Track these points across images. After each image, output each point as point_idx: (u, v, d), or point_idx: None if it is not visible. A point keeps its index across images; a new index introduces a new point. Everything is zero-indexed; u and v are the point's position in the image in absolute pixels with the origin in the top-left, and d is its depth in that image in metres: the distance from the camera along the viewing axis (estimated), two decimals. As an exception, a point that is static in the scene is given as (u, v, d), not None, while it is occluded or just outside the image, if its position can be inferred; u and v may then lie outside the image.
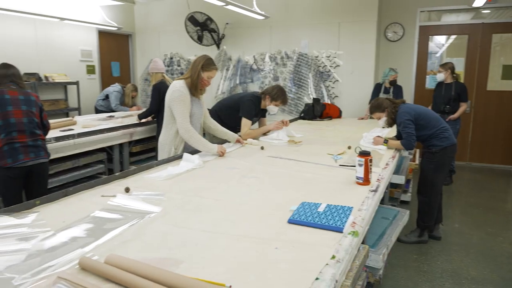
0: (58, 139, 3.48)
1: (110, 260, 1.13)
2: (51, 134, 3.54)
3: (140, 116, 4.61)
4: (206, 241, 1.37)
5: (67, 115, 6.41)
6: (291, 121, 4.60)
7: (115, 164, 4.20)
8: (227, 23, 6.97)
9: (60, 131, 3.91)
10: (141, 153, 4.68)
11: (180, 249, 1.30)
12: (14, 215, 1.53)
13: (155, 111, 4.47)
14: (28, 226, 1.42)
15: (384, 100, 3.33)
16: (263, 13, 5.52)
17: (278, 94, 3.54)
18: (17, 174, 2.76)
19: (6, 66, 2.89)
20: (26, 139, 2.78)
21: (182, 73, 7.48)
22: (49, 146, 3.35)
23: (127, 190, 1.90)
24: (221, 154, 2.76)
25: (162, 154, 2.88)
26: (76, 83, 6.45)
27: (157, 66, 4.59)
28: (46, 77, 6.11)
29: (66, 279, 1.02)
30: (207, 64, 2.81)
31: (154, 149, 4.69)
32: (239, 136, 3.28)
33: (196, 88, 2.82)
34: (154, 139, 4.63)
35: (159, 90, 4.36)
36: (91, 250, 1.28)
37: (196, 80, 2.79)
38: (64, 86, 6.58)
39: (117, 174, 2.17)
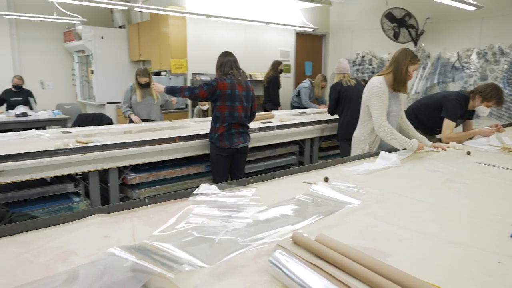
0: (260, 129, 3.90)
1: (321, 239, 1.20)
2: (254, 124, 3.99)
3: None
4: (412, 239, 1.31)
5: (264, 110, 7.12)
6: (503, 126, 3.95)
7: (305, 157, 4.45)
8: (427, 18, 6.45)
9: (261, 123, 4.36)
10: (329, 149, 4.81)
11: (385, 242, 1.28)
12: (236, 188, 1.78)
13: (330, 110, 4.56)
14: (249, 198, 1.64)
15: None
16: (475, 2, 4.89)
17: (493, 94, 3.08)
18: (228, 153, 3.32)
19: (227, 53, 3.40)
20: (239, 127, 3.32)
21: (373, 72, 7.32)
22: (253, 135, 3.79)
23: (326, 179, 1.98)
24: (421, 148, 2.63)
25: (355, 150, 2.89)
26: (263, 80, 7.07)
27: (340, 66, 4.63)
28: (250, 76, 6.92)
29: (285, 247, 1.13)
30: (413, 57, 2.68)
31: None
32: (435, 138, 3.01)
33: (404, 83, 2.72)
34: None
35: (334, 90, 4.42)
36: (300, 228, 1.39)
37: (405, 74, 2.68)
38: (263, 83, 7.30)
39: (316, 164, 2.29)
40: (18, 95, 6.20)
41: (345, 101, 4.21)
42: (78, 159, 2.79)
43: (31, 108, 5.96)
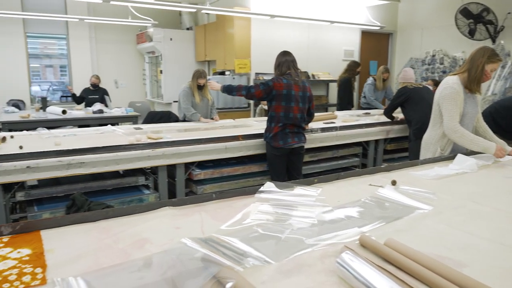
0: (323, 130, 3.85)
1: (390, 243, 1.16)
2: (317, 125, 3.96)
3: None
4: (492, 250, 1.22)
5: (326, 110, 7.02)
6: None
7: (369, 159, 4.32)
8: (508, 13, 5.96)
9: (324, 123, 4.31)
10: (394, 152, 4.62)
11: (461, 251, 1.21)
12: (301, 187, 1.78)
13: (387, 112, 4.39)
14: (314, 198, 1.63)
15: None
16: None
17: None
18: (282, 153, 3.32)
19: (285, 53, 3.38)
20: (293, 128, 3.30)
21: (444, 72, 6.91)
22: (315, 135, 3.75)
23: (393, 183, 1.91)
24: (501, 155, 2.40)
25: (425, 153, 2.75)
26: (336, 81, 6.94)
27: (406, 75, 4.44)
28: (313, 75, 6.86)
29: (352, 249, 1.12)
30: (493, 54, 2.48)
31: (407, 149, 4.54)
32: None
33: (477, 82, 2.54)
34: (407, 139, 4.48)
35: (401, 93, 4.28)
36: (367, 231, 1.35)
37: (480, 73, 2.50)
38: (326, 83, 7.21)
39: (382, 166, 2.22)
40: (95, 93, 6.70)
41: (415, 101, 4.05)
42: (149, 154, 2.95)
43: (106, 106, 6.41)
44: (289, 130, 3.27)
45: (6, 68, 7.27)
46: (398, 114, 4.46)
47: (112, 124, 4.34)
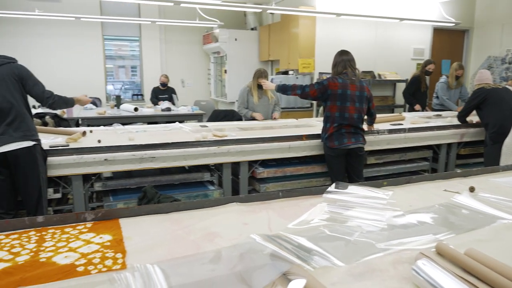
0: (390, 131, 3.70)
1: (472, 253, 1.08)
2: (383, 126, 3.81)
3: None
4: None
5: (392, 111, 6.74)
6: None
7: (439, 164, 4.07)
8: None
9: (391, 124, 4.13)
10: (468, 157, 4.31)
11: (554, 268, 1.09)
12: (370, 189, 1.73)
13: (462, 115, 4.10)
14: (385, 202, 1.58)
15: None
16: None
17: None
18: (338, 153, 3.23)
19: (343, 53, 3.28)
20: (350, 128, 3.20)
21: (528, 71, 6.30)
22: (382, 137, 3.62)
23: (471, 189, 1.79)
24: None
25: (507, 159, 2.55)
26: (405, 80, 6.63)
27: (482, 76, 4.09)
28: (379, 75, 6.62)
29: (429, 257, 1.06)
30: None
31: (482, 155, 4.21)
32: None
33: None
34: (483, 143, 4.16)
35: (476, 95, 3.97)
36: (444, 238, 1.28)
37: None
38: (393, 83, 6.92)
39: (459, 171, 2.08)
40: (164, 92, 7.02)
41: (493, 102, 3.76)
42: (215, 151, 3.03)
43: (173, 104, 6.69)
44: (345, 131, 3.19)
45: (86, 68, 7.88)
46: (473, 117, 4.15)
47: (179, 122, 4.52)
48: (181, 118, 5.84)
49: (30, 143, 2.45)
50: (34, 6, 6.39)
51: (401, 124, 4.14)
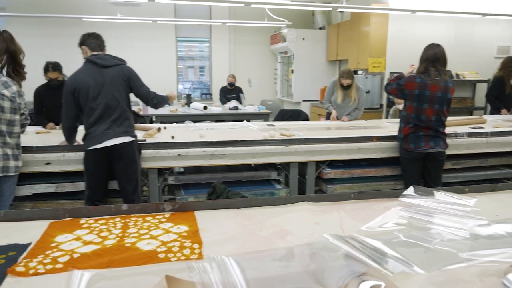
0: (470, 135, 3.45)
1: None
2: (462, 129, 3.56)
3: None
4: None
5: (471, 114, 6.28)
6: None
7: (526, 171, 3.71)
8: None
9: (470, 127, 3.85)
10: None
11: None
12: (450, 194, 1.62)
13: None
14: (469, 209, 1.47)
15: None
16: None
17: None
18: (414, 157, 3.07)
19: (431, 47, 3.04)
20: (428, 131, 3.02)
21: None
22: (460, 141, 3.40)
23: None
24: None
25: None
26: (487, 81, 6.14)
27: None
28: (457, 75, 6.20)
29: (522, 271, 0.97)
30: None
31: None
32: None
33: None
34: None
35: None
36: (538, 252, 1.16)
37: None
38: (473, 84, 6.44)
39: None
40: (232, 92, 7.20)
41: None
42: (282, 150, 3.05)
43: (240, 103, 6.83)
44: (423, 133, 3.01)
45: (160, 69, 8.31)
46: None
47: (247, 121, 4.61)
48: (248, 117, 5.94)
49: (130, 139, 2.68)
50: (116, 10, 6.88)
51: (482, 128, 3.84)
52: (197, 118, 5.77)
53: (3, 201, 2.33)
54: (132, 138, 2.70)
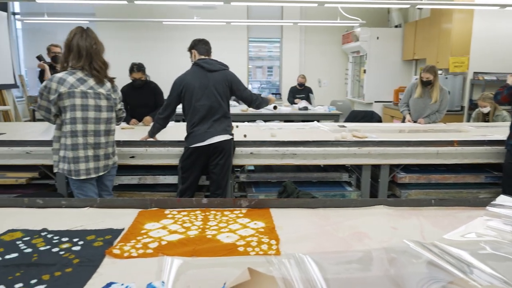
0: None
1: None
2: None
3: None
4: None
5: None
6: None
7: None
8: None
9: None
10: None
11: None
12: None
13: None
14: None
15: None
16: None
17: None
18: None
19: None
20: None
21: None
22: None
23: None
24: None
25: None
26: None
27: None
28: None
29: None
30: None
31: None
32: None
33: None
34: None
35: None
36: None
37: None
38: None
39: None
40: (301, 92, 7.18)
41: None
42: (355, 151, 2.99)
43: (310, 103, 6.79)
44: None
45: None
46: None
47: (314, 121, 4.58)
48: (317, 118, 5.89)
49: (229, 137, 2.86)
50: (193, 13, 7.21)
51: None
52: (266, 118, 5.84)
53: (110, 192, 2.59)
54: (231, 136, 2.88)
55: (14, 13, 8.14)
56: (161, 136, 3.09)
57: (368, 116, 5.21)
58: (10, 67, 7.49)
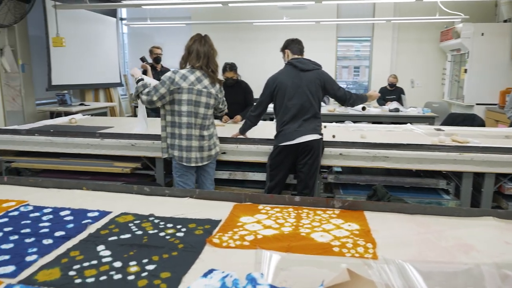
0: None
1: None
2: None
3: None
4: None
5: None
6: None
7: None
8: None
9: None
10: None
11: None
12: None
13: None
14: None
15: None
16: None
17: None
18: None
19: None
20: None
21: None
22: None
23: None
24: None
25: None
26: None
27: None
28: None
29: None
30: None
31: None
32: None
33: None
34: None
35: None
36: None
37: None
38: None
39: None
40: (392, 93, 6.84)
41: None
42: (455, 157, 2.76)
43: (401, 104, 6.44)
44: None
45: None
46: None
47: (407, 124, 4.32)
48: (408, 120, 5.56)
49: (318, 136, 2.85)
50: (283, 14, 7.28)
51: None
52: (354, 119, 5.67)
53: (212, 180, 2.86)
54: (320, 136, 2.86)
55: (122, 19, 9.02)
56: (250, 134, 3.17)
57: (469, 120, 4.77)
58: (117, 68, 8.32)
